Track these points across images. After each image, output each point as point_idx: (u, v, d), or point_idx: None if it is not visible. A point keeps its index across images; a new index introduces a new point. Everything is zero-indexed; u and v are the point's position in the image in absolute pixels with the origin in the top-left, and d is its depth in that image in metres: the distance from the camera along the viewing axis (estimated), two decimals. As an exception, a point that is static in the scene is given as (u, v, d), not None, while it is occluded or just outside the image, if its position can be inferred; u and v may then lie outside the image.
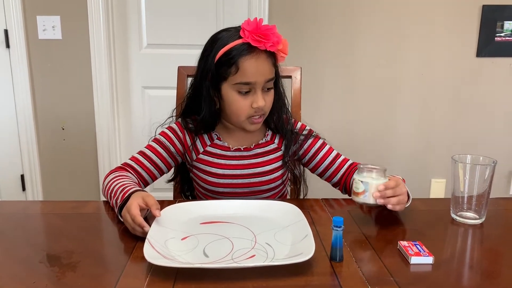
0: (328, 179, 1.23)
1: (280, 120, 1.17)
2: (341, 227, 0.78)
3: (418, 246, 0.83)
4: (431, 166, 2.50)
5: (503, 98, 2.42)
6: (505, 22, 2.31)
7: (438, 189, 2.51)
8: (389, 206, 0.93)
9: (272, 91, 1.11)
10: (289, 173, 1.24)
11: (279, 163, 1.18)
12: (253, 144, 1.17)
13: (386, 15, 2.31)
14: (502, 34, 2.33)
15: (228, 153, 1.16)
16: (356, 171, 0.96)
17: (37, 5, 2.22)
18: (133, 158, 1.16)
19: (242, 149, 1.16)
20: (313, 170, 1.24)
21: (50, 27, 2.24)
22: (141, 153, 1.16)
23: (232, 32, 1.06)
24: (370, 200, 0.93)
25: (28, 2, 2.21)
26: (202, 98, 1.10)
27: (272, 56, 1.07)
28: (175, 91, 1.40)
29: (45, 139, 2.38)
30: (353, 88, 2.39)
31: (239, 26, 1.06)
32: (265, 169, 1.16)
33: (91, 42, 2.25)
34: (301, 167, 1.26)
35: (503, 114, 2.44)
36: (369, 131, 2.44)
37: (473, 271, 0.79)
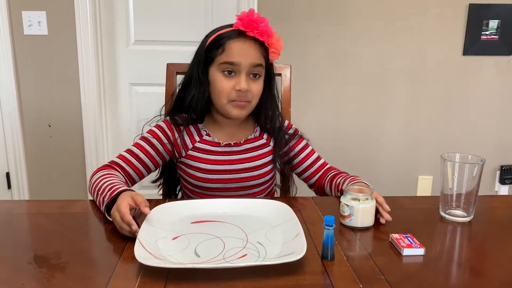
0: (306, 180, 1.26)
1: (272, 120, 1.19)
2: (332, 226, 0.79)
3: (409, 238, 0.86)
4: (418, 163, 2.52)
5: (489, 96, 2.45)
6: (490, 20, 2.34)
7: (425, 186, 2.54)
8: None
9: (261, 80, 1.12)
10: (278, 172, 1.26)
11: (267, 159, 1.19)
12: (243, 139, 1.18)
13: (375, 15, 2.31)
14: (487, 33, 2.35)
15: (218, 149, 1.16)
16: (343, 194, 0.96)
17: (23, 0, 2.18)
18: (121, 156, 1.15)
19: (232, 144, 1.17)
20: (293, 169, 1.26)
21: (36, 22, 2.20)
22: (129, 151, 1.15)
23: (226, 26, 1.11)
24: (357, 224, 0.93)
25: (13, -3, 2.17)
26: (193, 82, 1.13)
27: (262, 47, 1.10)
28: (164, 88, 1.39)
29: (31, 136, 2.34)
30: (342, 86, 2.40)
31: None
32: (254, 164, 1.17)
33: (78, 38, 2.22)
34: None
35: (488, 112, 2.47)
36: (358, 129, 2.46)
37: (462, 268, 0.80)
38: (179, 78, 1.41)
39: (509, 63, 2.41)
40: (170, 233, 0.87)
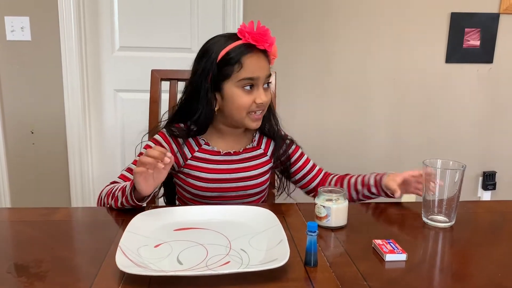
0: (303, 187, 1.28)
1: (276, 125, 1.22)
2: (315, 232, 0.79)
3: (391, 244, 0.86)
4: (403, 169, 2.52)
5: (471, 103, 2.49)
6: (472, 28, 2.38)
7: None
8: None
9: (270, 89, 1.16)
10: (277, 176, 1.28)
11: (264, 168, 1.21)
12: (242, 148, 1.19)
13: (360, 22, 2.34)
14: (469, 41, 2.40)
15: (218, 158, 1.16)
16: (317, 196, 0.99)
17: (5, 5, 2.15)
18: (122, 176, 1.14)
19: (232, 152, 1.17)
20: (290, 177, 1.27)
21: (18, 28, 2.18)
22: (129, 170, 1.15)
23: (228, 37, 1.10)
24: (333, 224, 0.96)
25: (-5, 2, 2.14)
26: (199, 100, 1.11)
27: (267, 57, 1.12)
28: (148, 94, 1.39)
29: (13, 143, 2.30)
30: (326, 92, 2.42)
31: (232, 33, 1.11)
32: (252, 173, 1.18)
33: (61, 43, 2.19)
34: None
35: (471, 119, 2.51)
36: (342, 135, 2.47)
37: (443, 273, 0.81)
38: (164, 84, 1.41)
39: (491, 70, 2.45)
40: (152, 241, 0.86)
